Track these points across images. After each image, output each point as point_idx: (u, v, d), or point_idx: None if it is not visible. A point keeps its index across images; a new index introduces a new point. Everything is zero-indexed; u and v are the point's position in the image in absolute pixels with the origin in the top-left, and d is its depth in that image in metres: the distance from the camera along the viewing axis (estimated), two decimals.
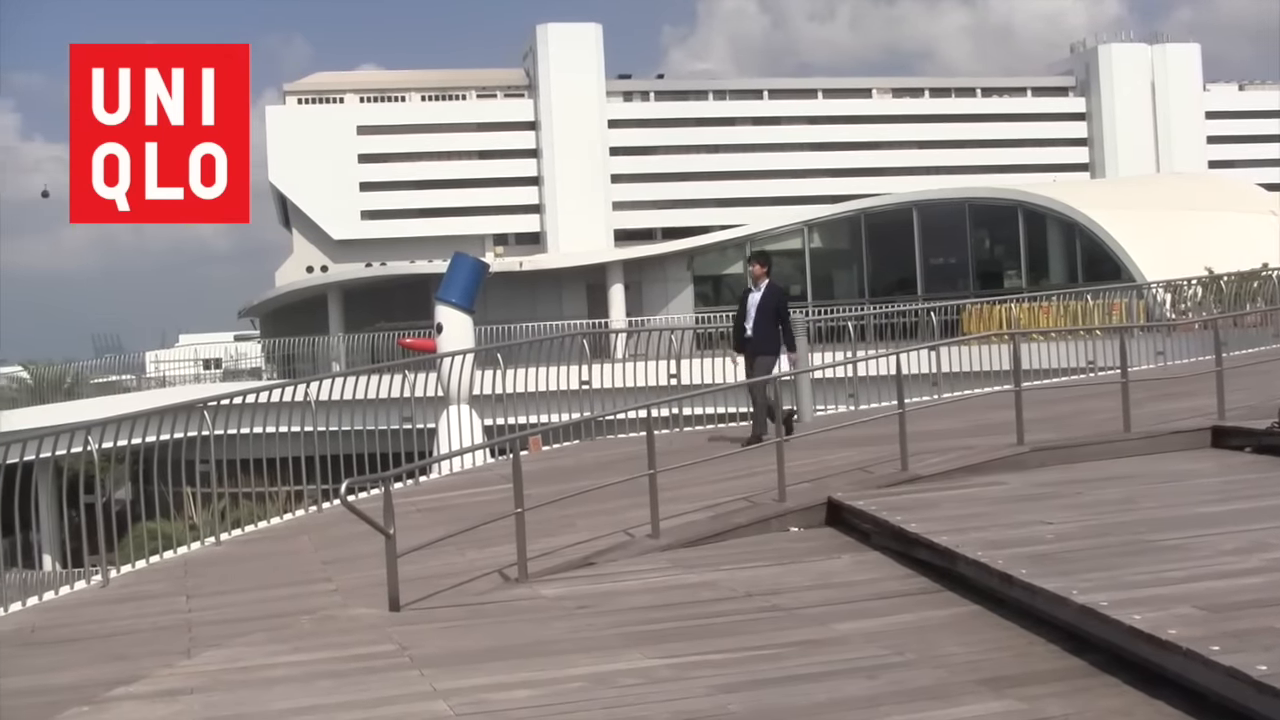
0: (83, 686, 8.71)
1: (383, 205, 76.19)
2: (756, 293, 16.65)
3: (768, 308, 16.45)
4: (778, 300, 16.65)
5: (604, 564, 11.20)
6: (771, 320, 16.43)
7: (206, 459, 15.18)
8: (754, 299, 16.61)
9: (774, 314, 16.44)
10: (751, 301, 16.61)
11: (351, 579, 11.59)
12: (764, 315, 16.39)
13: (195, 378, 54.72)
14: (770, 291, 16.63)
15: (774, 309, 16.46)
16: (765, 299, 16.52)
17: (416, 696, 7.56)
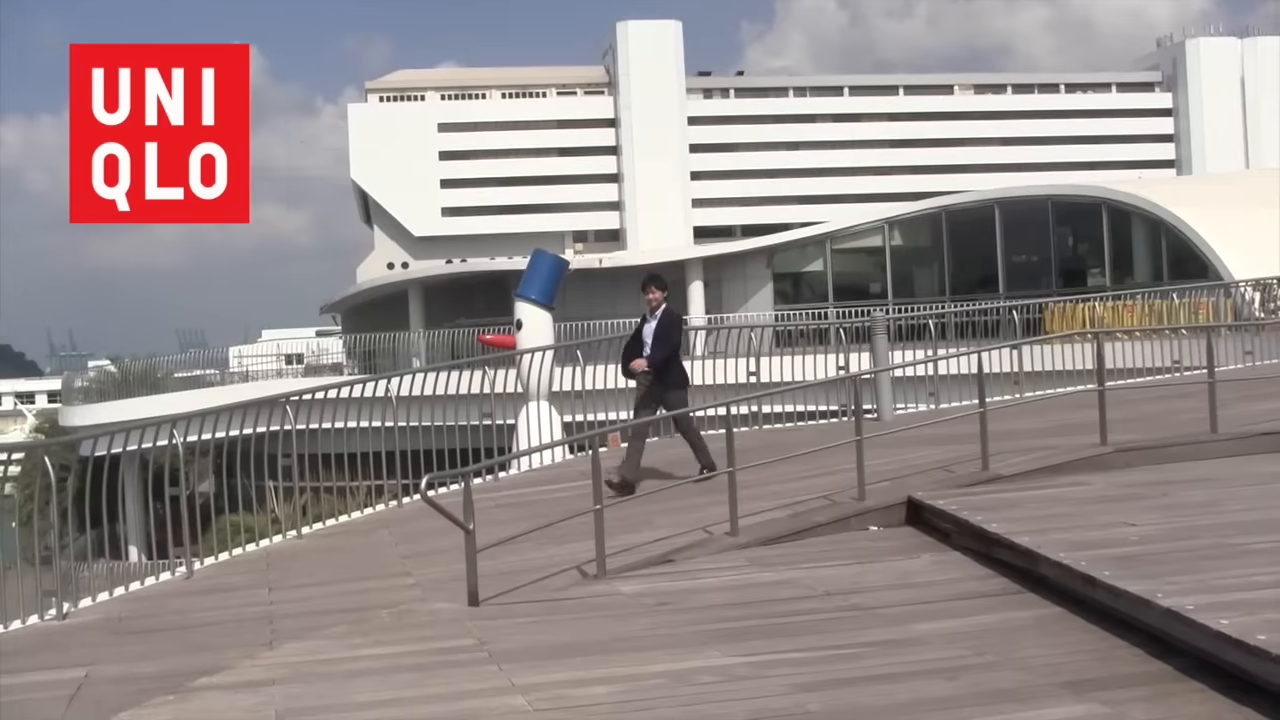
0: (167, 676, 8.81)
1: (463, 202, 76.59)
2: (652, 321, 14.90)
3: (662, 336, 14.84)
4: (670, 326, 14.95)
5: (683, 561, 11.19)
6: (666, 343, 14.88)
7: (288, 453, 15.30)
8: (649, 329, 14.90)
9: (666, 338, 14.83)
10: (647, 331, 14.92)
11: (431, 573, 11.65)
12: (662, 346, 14.79)
13: (277, 373, 55.23)
14: (667, 318, 14.94)
15: (664, 332, 14.83)
16: (663, 326, 14.86)
17: (495, 691, 7.58)
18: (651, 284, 15.12)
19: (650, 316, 14.96)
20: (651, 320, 14.92)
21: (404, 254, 76.81)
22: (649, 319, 14.95)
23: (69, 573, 12.47)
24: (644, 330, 14.98)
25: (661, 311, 14.92)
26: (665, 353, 14.76)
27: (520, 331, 21.59)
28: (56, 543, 11.94)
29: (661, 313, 14.91)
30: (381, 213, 77.71)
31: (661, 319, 14.86)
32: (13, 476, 12.93)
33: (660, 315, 14.89)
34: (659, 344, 14.75)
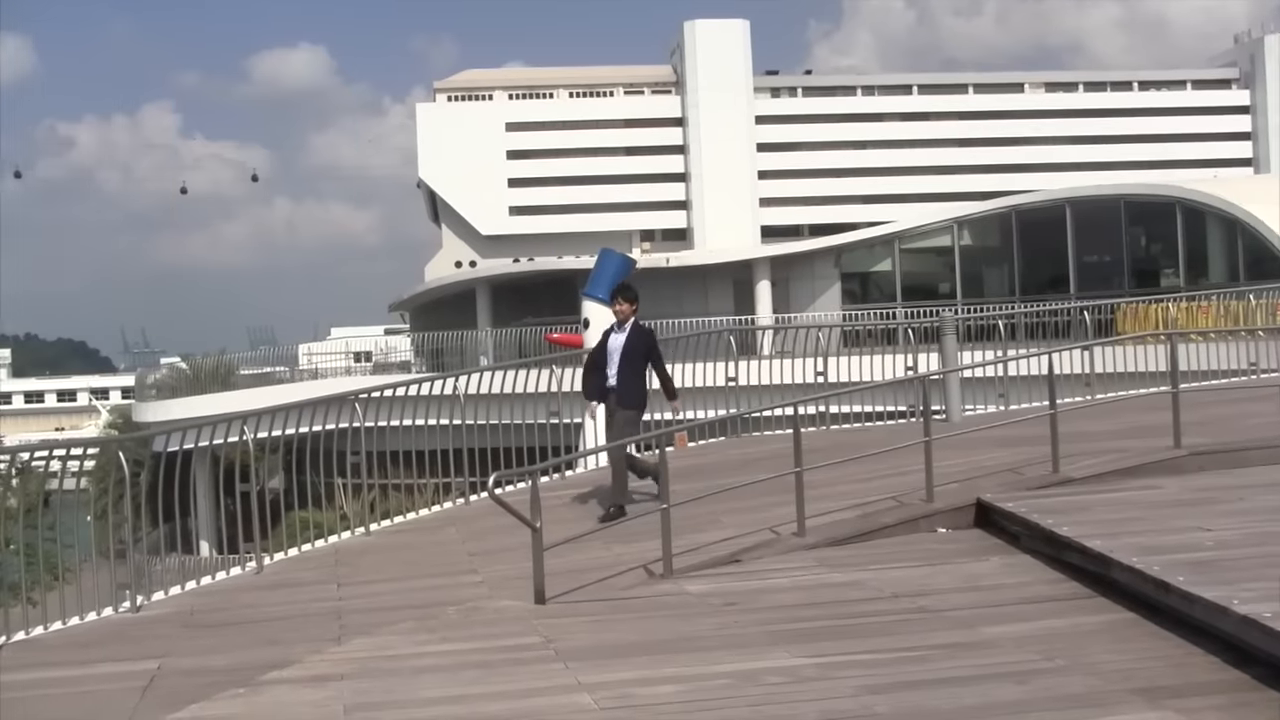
0: (238, 669, 8.90)
1: (531, 201, 76.75)
2: (620, 334, 14.07)
3: (634, 353, 13.92)
4: (646, 344, 14.08)
5: (750, 561, 11.18)
6: (639, 368, 13.99)
7: (357, 450, 15.39)
8: (616, 341, 14.05)
9: (642, 360, 14.00)
10: (614, 345, 14.06)
11: (498, 571, 11.70)
12: (629, 362, 13.89)
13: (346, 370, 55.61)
14: (637, 333, 14.06)
15: (642, 354, 14.00)
16: (631, 342, 13.96)
17: (561, 689, 7.60)
18: (621, 296, 14.26)
19: (618, 329, 14.12)
20: (619, 333, 14.08)
21: (471, 252, 77.06)
22: (616, 331, 14.13)
23: (142, 566, 12.59)
24: (610, 343, 14.14)
25: (631, 326, 14.09)
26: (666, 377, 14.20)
27: (587, 330, 21.61)
28: (130, 537, 12.08)
29: (631, 327, 14.08)
30: (449, 212, 78.00)
31: (631, 334, 14.02)
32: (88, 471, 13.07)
33: (630, 330, 14.06)
34: (634, 366, 13.91)
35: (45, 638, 10.92)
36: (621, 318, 14.06)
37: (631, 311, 14.07)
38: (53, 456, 11.84)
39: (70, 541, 13.55)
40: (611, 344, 14.07)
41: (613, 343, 14.07)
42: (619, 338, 14.02)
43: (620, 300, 14.14)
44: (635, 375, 13.92)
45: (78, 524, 13.17)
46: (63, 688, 9.22)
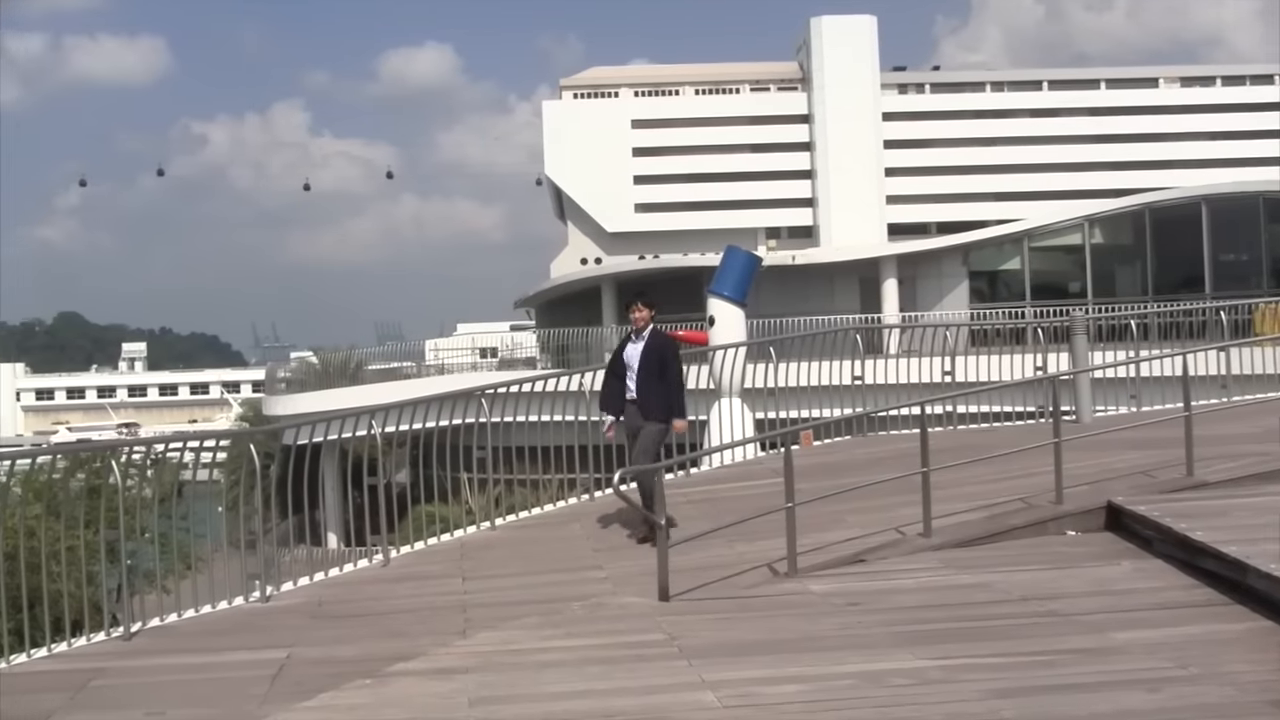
0: (364, 660, 9.01)
1: (656, 198, 76.84)
2: (638, 343, 13.15)
3: (655, 361, 12.99)
4: (665, 352, 13.11)
5: (875, 561, 11.11)
6: (658, 378, 12.99)
7: (483, 445, 15.50)
8: (634, 350, 13.14)
9: (660, 370, 13.00)
10: (631, 354, 13.16)
11: (622, 567, 11.73)
12: (649, 372, 12.96)
13: (472, 366, 56.09)
14: (657, 341, 13.14)
15: (659, 364, 13.01)
16: (651, 350, 13.04)
17: (685, 686, 7.60)
18: (637, 300, 13.31)
19: (636, 338, 13.21)
20: (637, 342, 13.18)
21: (597, 249, 77.33)
22: (634, 340, 13.22)
23: (271, 557, 12.81)
24: (626, 353, 13.25)
25: (650, 333, 13.17)
26: (673, 392, 13.00)
27: (713, 328, 21.58)
28: (260, 528, 12.27)
29: (650, 334, 13.17)
30: (575, 208, 78.34)
31: (650, 343, 13.10)
32: (219, 463, 13.30)
33: (648, 337, 13.14)
34: (655, 377, 12.93)
35: (178, 625, 11.13)
36: (639, 324, 13.18)
37: (650, 318, 13.23)
38: (186, 448, 12.05)
39: (202, 531, 13.83)
40: (629, 353, 13.20)
41: (630, 351, 13.19)
42: (637, 346, 13.13)
43: (637, 305, 13.26)
44: (656, 386, 12.95)
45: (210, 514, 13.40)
46: (196, 674, 9.40)
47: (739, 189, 76.09)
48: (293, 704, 7.89)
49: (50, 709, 8.46)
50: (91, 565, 11.39)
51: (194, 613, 11.42)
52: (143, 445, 12.77)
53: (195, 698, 8.63)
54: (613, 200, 76.80)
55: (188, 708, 8.37)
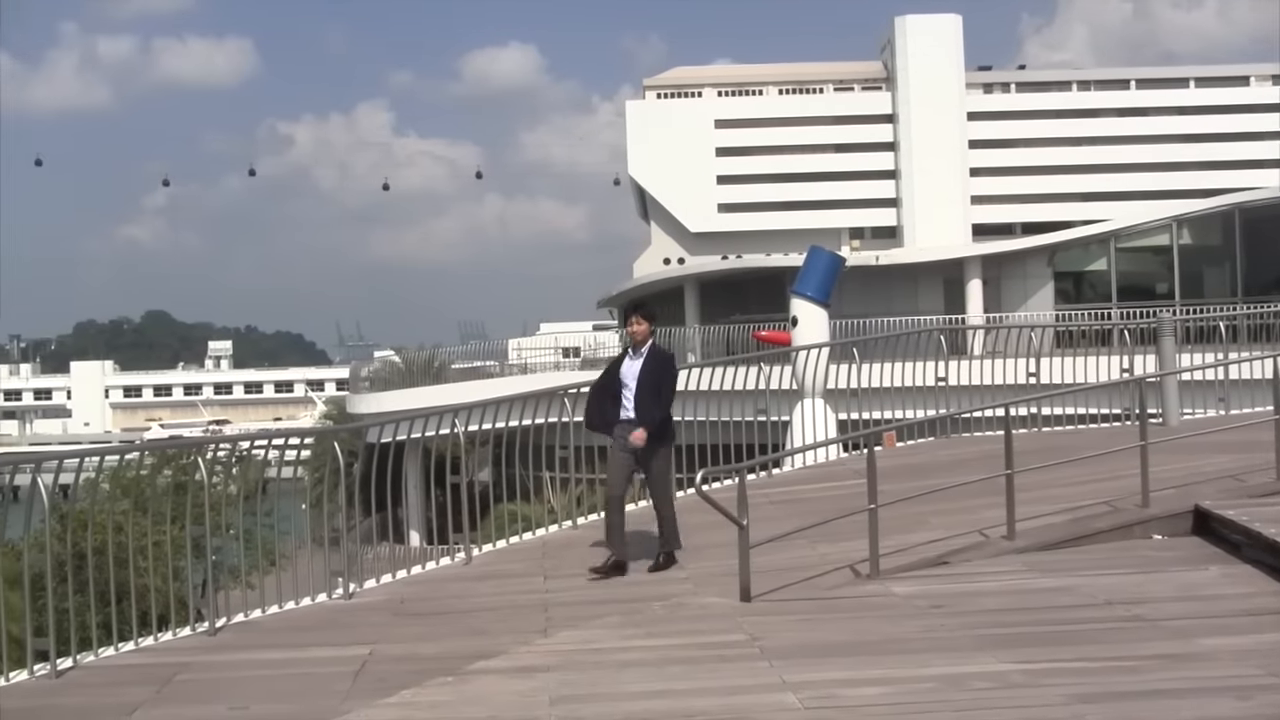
0: (446, 657, 9.06)
1: (739, 198, 76.77)
2: (636, 359, 12.15)
3: (654, 380, 12.03)
4: (664, 371, 12.16)
5: (958, 564, 11.03)
6: (657, 396, 12.03)
7: (565, 444, 15.54)
8: (632, 367, 12.13)
9: (657, 388, 12.04)
10: (628, 370, 12.15)
11: (703, 567, 11.71)
12: (649, 391, 11.99)
13: (555, 365, 56.20)
14: (657, 359, 12.18)
15: (657, 382, 12.05)
16: (651, 369, 12.05)
17: (766, 688, 7.58)
18: (636, 313, 12.34)
19: (634, 353, 12.23)
20: (635, 358, 12.18)
21: (680, 249, 77.35)
22: (631, 356, 12.24)
23: (354, 554, 12.89)
24: (623, 370, 12.24)
25: (649, 349, 12.23)
26: (663, 412, 12.10)
27: (796, 328, 21.52)
28: (344, 525, 12.36)
29: (649, 350, 12.22)
30: (658, 208, 78.41)
31: (649, 359, 12.13)
32: (303, 461, 13.42)
33: (648, 353, 12.18)
34: (652, 396, 11.98)
35: (262, 620, 11.24)
36: (638, 339, 12.20)
37: (649, 333, 12.27)
38: (271, 446, 12.17)
39: (286, 529, 13.94)
40: (626, 370, 12.17)
41: (627, 369, 12.17)
42: (635, 364, 12.13)
43: (636, 318, 12.25)
44: (656, 405, 12.04)
45: (294, 512, 13.52)
46: (279, 669, 9.49)
47: (822, 189, 75.86)
48: (374, 700, 7.95)
49: (136, 702, 8.57)
50: (177, 561, 11.51)
51: (277, 609, 11.53)
52: (228, 443, 12.92)
53: (278, 693, 8.71)
54: (696, 200, 76.80)
55: (271, 703, 8.45)
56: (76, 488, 10.75)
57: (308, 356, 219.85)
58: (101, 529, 11.11)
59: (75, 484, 10.57)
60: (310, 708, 8.01)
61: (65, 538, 21.38)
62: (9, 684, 9.31)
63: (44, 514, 10.98)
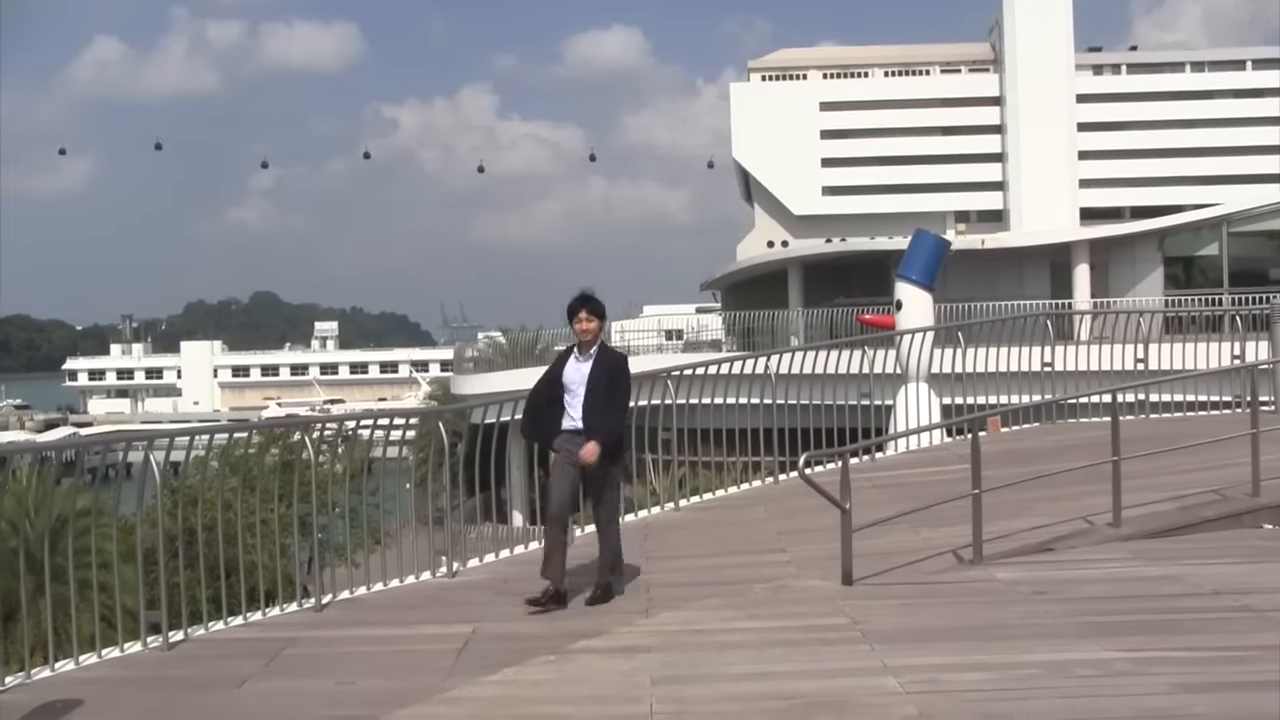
0: (548, 636, 9.13)
1: (844, 181, 76.44)
2: (584, 361, 10.65)
3: (606, 385, 10.52)
4: (616, 373, 10.63)
5: (1062, 550, 10.94)
6: (608, 403, 10.53)
7: (668, 427, 15.58)
8: (580, 370, 10.64)
9: (608, 393, 10.53)
10: (575, 374, 10.64)
11: (805, 551, 11.70)
12: (599, 397, 10.51)
13: (658, 348, 56.28)
14: (607, 362, 10.65)
15: (608, 386, 10.53)
16: (601, 372, 10.55)
17: (868, 671, 7.57)
18: (584, 308, 10.66)
19: (581, 355, 10.70)
20: (583, 360, 10.67)
21: (784, 232, 77.17)
22: (578, 357, 10.70)
23: (458, 534, 13.01)
24: (567, 373, 10.70)
25: (598, 350, 10.71)
26: (618, 423, 10.67)
27: (900, 312, 21.40)
28: (448, 505, 12.47)
29: (598, 352, 10.70)
30: (762, 191, 78.26)
31: (600, 362, 10.62)
32: (408, 440, 13.56)
33: (597, 355, 10.66)
34: (605, 405, 10.50)
35: (367, 598, 11.38)
36: (587, 338, 10.67)
37: (599, 330, 10.77)
38: (376, 426, 12.32)
39: (390, 508, 14.09)
40: (571, 374, 10.68)
41: (573, 372, 10.68)
42: (583, 366, 10.63)
43: (583, 314, 10.64)
44: (607, 412, 10.54)
45: (398, 491, 13.66)
46: (384, 645, 9.60)
47: (928, 172, 75.34)
48: (477, 678, 8.03)
49: (246, 674, 8.73)
50: (284, 538, 11.70)
51: (382, 586, 11.66)
52: (334, 423, 13.08)
53: (383, 669, 8.83)
54: (800, 183, 76.58)
55: (376, 678, 8.56)
56: (187, 465, 10.94)
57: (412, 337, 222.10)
58: (211, 506, 11.29)
59: (186, 462, 10.74)
60: (414, 684, 8.10)
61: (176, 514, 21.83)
62: (124, 655, 9.51)
63: (156, 490, 11.21)
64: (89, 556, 10.55)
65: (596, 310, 10.67)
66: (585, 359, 10.63)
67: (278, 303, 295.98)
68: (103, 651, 9.60)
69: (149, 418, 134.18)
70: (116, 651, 9.58)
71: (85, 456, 11.82)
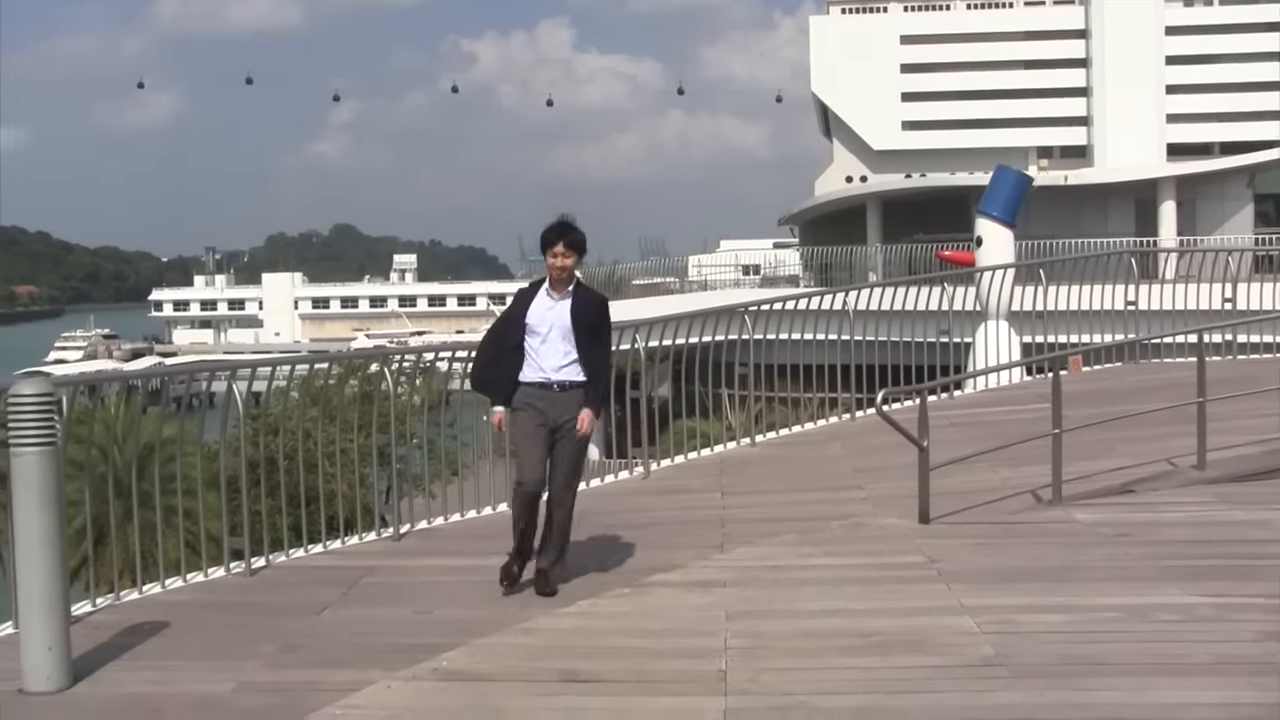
0: (624, 570, 9.18)
1: (924, 116, 75.49)
2: (559, 300, 8.94)
3: (585, 329, 8.94)
4: (600, 316, 9.10)
5: (1144, 493, 10.83)
6: (590, 352, 8.94)
7: (744, 362, 15.54)
8: (552, 310, 8.93)
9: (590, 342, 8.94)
10: (545, 315, 8.92)
11: (882, 488, 11.65)
12: (576, 344, 8.91)
13: (735, 283, 56.18)
14: (588, 301, 9.05)
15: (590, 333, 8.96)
16: (582, 313, 8.94)
17: (944, 610, 7.54)
18: (562, 238, 8.89)
19: (554, 291, 8.97)
20: (558, 299, 8.95)
21: (863, 167, 76.43)
22: (550, 295, 8.96)
23: None
24: (534, 314, 8.95)
25: (575, 288, 9.02)
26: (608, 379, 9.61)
27: (980, 249, 21.19)
28: None
29: (576, 291, 9.01)
30: (841, 126, 77.50)
31: (580, 302, 8.97)
32: None
33: (574, 294, 8.98)
34: (595, 360, 8.98)
35: (444, 528, 11.45)
36: (562, 275, 8.94)
37: (575, 265, 9.05)
38: (455, 358, 12.35)
39: (468, 439, 14.16)
40: (539, 314, 8.94)
41: (542, 313, 8.94)
42: (558, 306, 8.92)
43: (563, 249, 8.89)
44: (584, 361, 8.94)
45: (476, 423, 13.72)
46: (461, 575, 9.66)
47: (1010, 107, 74.21)
48: (554, 609, 8.09)
49: (326, 601, 8.83)
50: (363, 468, 11.78)
51: (459, 517, 11.74)
52: (412, 354, 13.15)
53: (460, 598, 8.89)
54: (879, 117, 75.72)
55: (453, 608, 8.62)
56: (269, 395, 11.04)
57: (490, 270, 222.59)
58: (291, 435, 11.39)
59: (267, 391, 10.84)
60: (491, 614, 8.16)
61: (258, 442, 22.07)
62: (208, 579, 9.65)
63: (238, 419, 11.32)
64: (174, 483, 10.69)
65: (576, 243, 8.92)
66: (560, 298, 8.90)
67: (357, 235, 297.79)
68: (187, 576, 9.74)
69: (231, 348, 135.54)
70: (201, 576, 9.72)
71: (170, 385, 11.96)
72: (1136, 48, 72.46)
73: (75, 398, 9.17)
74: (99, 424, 18.78)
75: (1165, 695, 6.10)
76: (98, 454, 16.49)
